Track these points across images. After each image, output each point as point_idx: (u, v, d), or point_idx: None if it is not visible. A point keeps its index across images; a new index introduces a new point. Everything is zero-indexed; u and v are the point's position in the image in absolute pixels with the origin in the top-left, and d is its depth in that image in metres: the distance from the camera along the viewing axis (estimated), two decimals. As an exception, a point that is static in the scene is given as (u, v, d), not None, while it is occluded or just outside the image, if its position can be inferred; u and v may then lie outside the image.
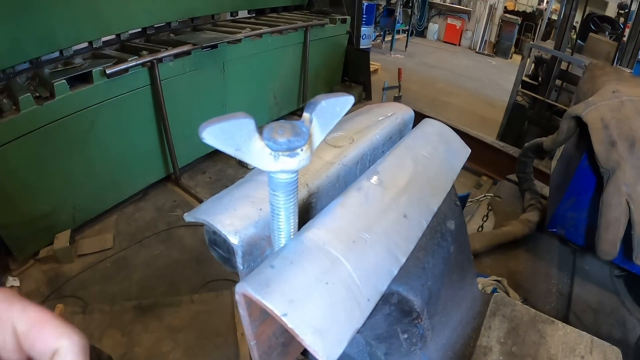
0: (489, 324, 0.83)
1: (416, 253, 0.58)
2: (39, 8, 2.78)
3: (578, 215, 1.56)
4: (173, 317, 2.52)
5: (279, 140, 0.39)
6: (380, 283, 0.49)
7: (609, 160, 1.28)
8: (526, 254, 1.86)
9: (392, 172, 0.63)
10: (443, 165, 0.74)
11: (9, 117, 2.52)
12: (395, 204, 0.58)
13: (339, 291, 0.44)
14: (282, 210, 0.47)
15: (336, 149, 0.69)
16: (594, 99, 1.45)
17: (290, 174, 0.43)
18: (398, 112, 0.88)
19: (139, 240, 3.30)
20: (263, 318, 0.51)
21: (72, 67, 3.04)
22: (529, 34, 11.66)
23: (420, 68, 9.38)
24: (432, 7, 12.82)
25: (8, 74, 2.89)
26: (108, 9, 3.35)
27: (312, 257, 0.45)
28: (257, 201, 0.55)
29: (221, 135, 0.37)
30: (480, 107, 7.28)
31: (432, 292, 0.61)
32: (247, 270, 0.54)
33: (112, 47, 3.63)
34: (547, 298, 1.65)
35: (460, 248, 0.76)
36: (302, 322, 0.39)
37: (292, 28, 4.76)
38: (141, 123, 3.48)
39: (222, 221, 0.52)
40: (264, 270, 0.44)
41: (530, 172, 2.29)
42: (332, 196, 0.63)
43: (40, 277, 2.92)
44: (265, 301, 0.40)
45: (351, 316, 0.43)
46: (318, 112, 0.42)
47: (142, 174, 3.72)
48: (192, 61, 3.66)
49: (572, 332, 0.86)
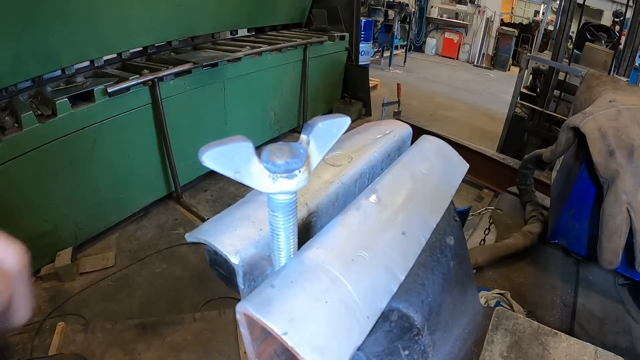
0: (491, 338, 0.82)
1: (416, 270, 0.59)
2: (41, 27, 2.83)
3: (579, 226, 1.56)
4: (175, 335, 2.51)
5: (277, 162, 0.40)
6: (380, 300, 0.49)
7: (608, 170, 1.29)
8: (529, 266, 1.85)
9: (391, 190, 0.64)
10: (441, 181, 0.75)
11: (12, 134, 2.55)
12: (394, 221, 0.58)
13: (339, 309, 0.44)
14: (282, 231, 0.47)
15: (335, 168, 0.70)
16: (591, 109, 1.45)
17: (289, 195, 0.44)
18: (396, 130, 0.89)
19: (140, 258, 3.29)
20: (264, 337, 0.51)
21: (74, 86, 3.08)
22: (526, 46, 11.76)
23: (419, 83, 9.44)
24: (429, 22, 12.96)
25: (10, 91, 2.93)
26: (109, 28, 3.40)
27: (312, 276, 0.46)
28: (257, 221, 0.56)
29: (220, 158, 0.38)
30: (479, 120, 7.30)
31: (432, 308, 0.62)
32: (248, 289, 0.54)
33: (114, 66, 3.68)
34: (552, 309, 1.64)
35: (461, 263, 0.77)
36: (302, 341, 0.40)
37: (291, 46, 4.82)
38: (142, 141, 3.51)
39: (223, 241, 0.53)
40: (264, 289, 0.44)
41: (531, 184, 2.29)
42: (332, 215, 0.64)
43: (41, 294, 2.91)
44: (266, 320, 0.41)
45: (351, 334, 0.44)
46: (315, 133, 0.43)
47: (143, 192, 3.73)
48: (192, 80, 3.71)
49: (576, 344, 0.85)
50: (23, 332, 2.56)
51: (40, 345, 2.50)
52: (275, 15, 5.53)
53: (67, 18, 2.99)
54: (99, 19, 3.25)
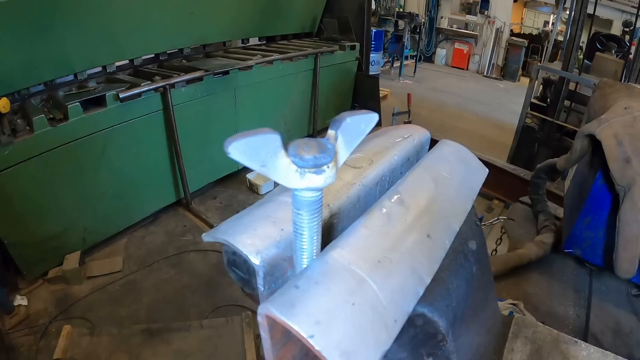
0: (511, 347, 0.80)
1: (440, 274, 0.57)
2: (55, 32, 2.85)
3: (594, 235, 1.54)
4: (182, 342, 2.48)
5: (305, 157, 0.38)
6: (407, 304, 0.47)
7: (624, 177, 1.27)
8: (541, 276, 1.83)
9: (414, 192, 0.62)
10: (463, 185, 0.73)
11: (23, 137, 2.57)
12: (419, 223, 0.57)
13: (366, 312, 0.42)
14: (306, 230, 0.46)
15: (356, 170, 0.68)
16: (607, 116, 1.44)
17: (316, 192, 0.42)
18: (415, 134, 0.88)
19: (148, 264, 3.28)
20: (284, 342, 0.49)
21: (86, 91, 3.10)
22: (535, 56, 11.73)
23: (429, 93, 9.43)
24: (439, 32, 12.98)
25: (23, 95, 2.95)
26: (122, 34, 3.43)
27: (338, 277, 0.44)
28: (278, 221, 0.54)
29: (247, 150, 0.36)
30: (489, 130, 7.27)
31: (456, 313, 0.60)
32: (268, 292, 0.53)
33: (126, 72, 3.71)
34: (565, 320, 1.61)
35: (482, 269, 0.75)
36: (330, 345, 0.38)
37: (302, 55, 4.84)
38: (153, 147, 3.52)
39: (243, 241, 0.51)
40: (288, 290, 0.43)
41: (543, 194, 2.26)
42: (353, 217, 0.62)
43: (48, 297, 2.91)
44: (291, 322, 0.39)
45: (378, 338, 0.42)
46: (343, 129, 0.42)
47: (153, 198, 3.73)
48: (204, 87, 3.72)
49: (596, 352, 0.83)
50: (29, 334, 2.56)
51: (45, 348, 2.49)
52: (286, 25, 5.56)
53: (80, 23, 3.01)
54: (112, 26, 3.28)
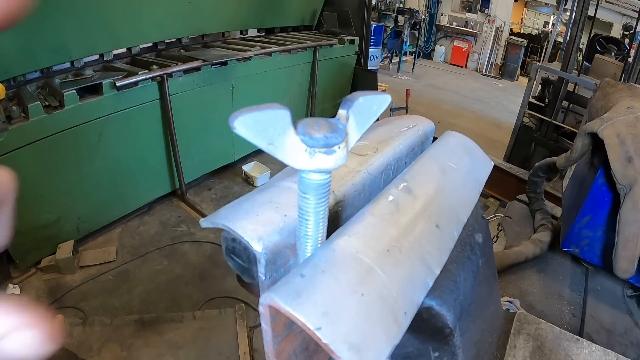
0: (514, 343, 0.79)
1: (448, 265, 0.55)
2: (52, 18, 2.80)
3: (593, 234, 1.53)
4: (174, 333, 2.47)
5: (316, 135, 0.36)
6: (417, 295, 0.45)
7: (626, 177, 1.26)
8: (538, 275, 1.83)
9: (421, 181, 0.60)
10: (469, 177, 0.71)
11: (18, 124, 2.52)
12: (427, 213, 0.54)
13: (375, 303, 0.40)
14: (312, 215, 0.43)
15: (361, 157, 0.66)
16: (609, 115, 1.43)
17: (324, 174, 0.40)
18: (419, 124, 0.86)
19: (142, 254, 3.26)
20: (286, 334, 0.47)
21: (82, 78, 3.06)
22: (534, 56, 11.75)
23: (427, 90, 9.42)
24: (439, 29, 12.97)
25: (19, 81, 2.90)
26: (120, 23, 3.38)
27: (345, 266, 0.42)
28: (281, 207, 0.52)
29: (254, 126, 0.34)
30: (486, 128, 7.27)
31: (463, 307, 0.58)
32: (270, 281, 0.50)
33: (123, 60, 3.65)
34: (560, 319, 1.61)
35: (487, 262, 0.73)
36: (338, 337, 0.36)
37: (301, 47, 4.80)
38: (149, 137, 3.48)
39: (244, 227, 0.48)
40: (292, 279, 0.40)
41: (540, 192, 2.26)
42: (358, 206, 0.60)
43: (41, 286, 2.88)
44: (297, 313, 0.36)
45: (388, 331, 0.39)
46: (355, 109, 0.40)
47: (148, 188, 3.69)
48: (201, 77, 3.68)
49: (598, 350, 0.83)
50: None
51: (37, 338, 2.46)
52: (285, 17, 5.51)
53: (78, 11, 2.96)
54: (110, 13, 3.23)
